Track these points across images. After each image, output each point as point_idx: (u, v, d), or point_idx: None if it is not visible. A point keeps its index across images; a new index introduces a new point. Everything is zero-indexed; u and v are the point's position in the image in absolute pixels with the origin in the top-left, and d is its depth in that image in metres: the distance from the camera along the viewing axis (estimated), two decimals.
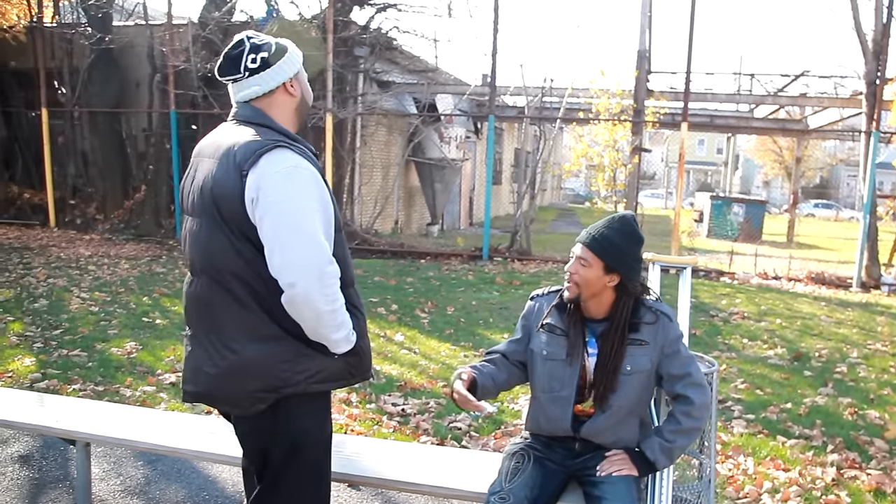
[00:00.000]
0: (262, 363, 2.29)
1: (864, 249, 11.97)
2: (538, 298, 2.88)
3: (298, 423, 2.38)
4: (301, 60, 2.45)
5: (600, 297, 2.68)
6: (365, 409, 5.29)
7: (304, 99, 2.47)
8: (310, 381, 2.33)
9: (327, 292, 2.22)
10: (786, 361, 7.00)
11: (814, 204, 46.06)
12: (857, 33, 12.22)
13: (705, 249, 18.05)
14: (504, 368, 2.84)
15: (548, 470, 2.73)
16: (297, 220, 2.20)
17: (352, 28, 14.61)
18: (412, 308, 8.79)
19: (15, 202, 16.18)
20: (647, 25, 14.45)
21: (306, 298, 2.20)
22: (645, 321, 2.69)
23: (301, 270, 2.18)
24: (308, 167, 2.27)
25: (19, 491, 3.93)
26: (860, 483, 4.28)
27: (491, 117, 13.54)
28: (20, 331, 7.10)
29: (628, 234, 2.67)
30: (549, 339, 2.76)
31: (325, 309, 2.23)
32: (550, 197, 41.37)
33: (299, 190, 2.23)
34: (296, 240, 2.19)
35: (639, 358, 2.66)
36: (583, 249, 2.66)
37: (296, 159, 2.26)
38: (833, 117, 21.17)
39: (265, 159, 2.22)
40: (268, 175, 2.20)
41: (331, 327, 2.27)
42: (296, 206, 2.21)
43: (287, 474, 2.42)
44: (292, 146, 2.29)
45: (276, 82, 2.38)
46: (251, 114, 2.38)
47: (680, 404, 2.66)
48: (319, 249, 2.22)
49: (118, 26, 15.95)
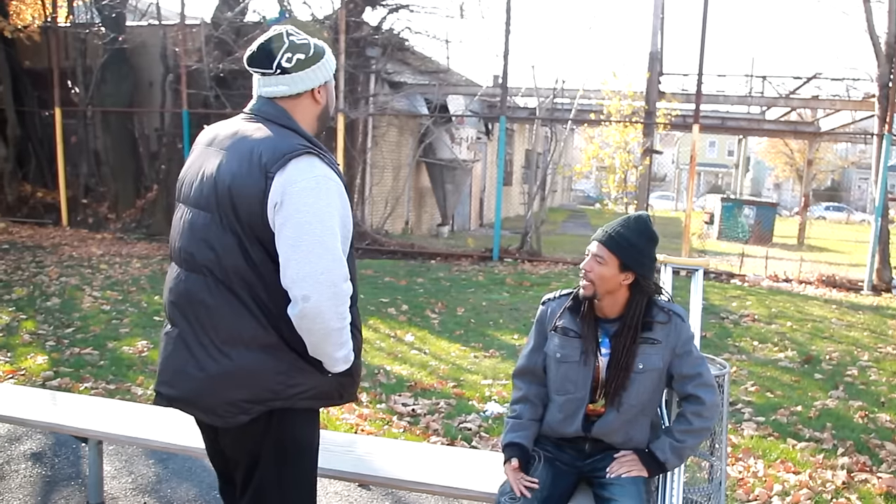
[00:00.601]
0: (255, 373, 2.20)
1: (875, 252, 11.92)
2: (550, 302, 2.88)
3: (289, 433, 2.32)
4: (334, 68, 2.38)
5: (615, 295, 2.70)
6: (375, 409, 5.30)
7: (327, 108, 2.40)
8: (300, 396, 2.25)
9: (340, 310, 2.17)
10: (796, 364, 6.98)
11: (825, 206, 45.84)
12: (871, 36, 12.17)
13: (716, 251, 17.99)
14: (537, 399, 2.85)
15: (558, 471, 2.73)
16: (320, 234, 2.12)
17: (364, 29, 14.64)
18: (422, 308, 8.80)
19: (28, 201, 16.28)
20: (659, 27, 14.43)
21: (318, 313, 2.12)
22: (657, 320, 2.70)
23: (318, 285, 2.11)
24: (336, 179, 2.21)
25: (32, 488, 3.96)
26: (871, 486, 4.27)
27: (502, 118, 13.54)
28: (33, 329, 7.15)
29: (644, 233, 2.69)
30: (562, 341, 2.77)
31: (335, 326, 2.17)
32: (561, 198, 41.31)
33: (326, 202, 2.16)
34: (316, 253, 2.11)
35: (651, 357, 2.67)
36: (599, 247, 2.68)
37: (325, 170, 2.19)
38: (845, 120, 21.09)
39: (294, 165, 2.14)
40: (295, 182, 2.12)
41: (336, 345, 2.21)
42: (320, 219, 2.13)
43: (273, 485, 2.34)
44: (322, 155, 2.21)
45: (306, 87, 2.31)
46: (276, 113, 2.29)
47: (690, 404, 2.66)
48: (338, 265, 2.16)
49: (131, 26, 16.05)
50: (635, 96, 14.57)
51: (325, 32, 13.70)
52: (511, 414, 2.85)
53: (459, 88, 18.54)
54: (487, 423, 5.09)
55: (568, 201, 45.52)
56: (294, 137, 2.22)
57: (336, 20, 13.61)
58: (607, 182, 15.73)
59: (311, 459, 2.42)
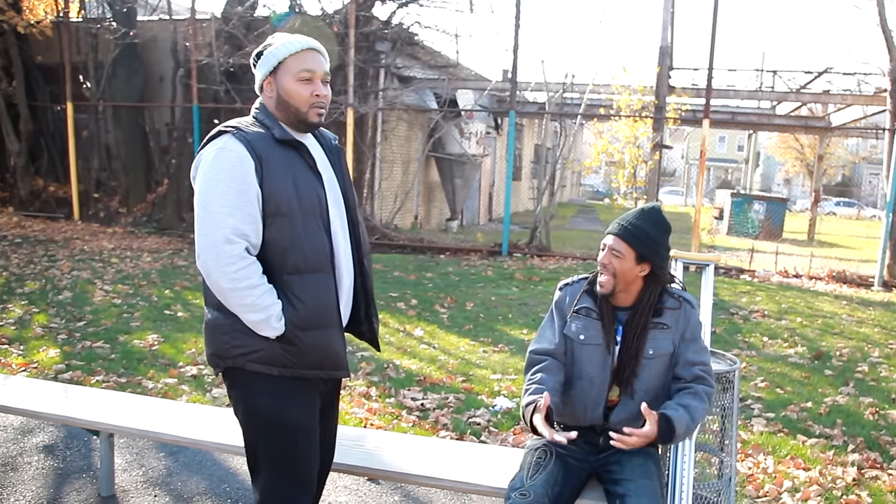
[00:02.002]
0: (212, 330, 2.45)
1: (886, 248, 11.86)
2: (567, 287, 2.88)
3: (248, 399, 2.45)
4: (279, 58, 2.46)
5: (630, 286, 2.71)
6: (384, 403, 5.31)
7: (282, 98, 2.47)
8: (246, 357, 2.39)
9: (226, 270, 2.28)
10: (806, 360, 6.96)
11: (835, 202, 45.60)
12: (883, 29, 12.10)
13: (725, 247, 17.94)
14: (559, 371, 2.79)
15: (570, 466, 2.73)
16: (205, 199, 2.33)
17: (373, 23, 14.63)
18: (431, 303, 8.81)
19: (40, 195, 16.36)
20: (669, 21, 14.37)
21: (206, 273, 2.32)
22: (668, 306, 2.72)
23: (202, 245, 2.31)
24: (235, 149, 2.35)
25: (44, 480, 3.99)
26: (881, 483, 4.26)
27: (511, 113, 13.51)
28: (45, 322, 7.19)
29: (659, 224, 2.71)
30: (584, 323, 2.77)
31: (225, 287, 2.30)
32: (570, 193, 41.28)
33: (216, 171, 2.33)
34: (201, 217, 2.33)
35: (661, 341, 2.69)
36: (615, 240, 2.68)
37: (229, 143, 2.36)
38: (856, 115, 20.96)
39: (211, 143, 2.40)
40: (202, 156, 2.40)
41: (237, 307, 2.33)
42: (206, 185, 2.34)
43: (249, 446, 2.50)
44: (237, 132, 2.38)
45: (258, 82, 2.52)
46: (259, 106, 2.54)
47: (690, 383, 2.69)
48: (216, 227, 2.29)
49: (142, 21, 16.07)
50: (645, 91, 14.53)
51: (335, 27, 13.71)
52: (530, 381, 2.75)
53: (469, 83, 18.52)
54: (496, 417, 5.10)
55: (577, 196, 45.48)
56: (233, 122, 2.46)
57: (346, 15, 13.60)
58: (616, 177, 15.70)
59: (281, 435, 2.45)
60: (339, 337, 2.50)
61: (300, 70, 2.45)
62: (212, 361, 2.47)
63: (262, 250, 2.38)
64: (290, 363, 2.40)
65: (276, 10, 14.87)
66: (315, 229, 2.42)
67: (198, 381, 5.66)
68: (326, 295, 2.45)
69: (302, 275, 2.40)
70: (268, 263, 2.37)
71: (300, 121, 2.48)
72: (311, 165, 2.47)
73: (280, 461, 2.46)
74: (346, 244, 2.56)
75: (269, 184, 2.35)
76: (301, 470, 2.49)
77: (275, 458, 2.46)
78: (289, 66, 2.45)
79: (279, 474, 2.47)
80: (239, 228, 2.30)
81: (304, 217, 2.40)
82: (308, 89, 2.46)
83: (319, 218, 2.44)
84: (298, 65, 2.46)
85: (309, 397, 2.50)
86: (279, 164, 2.38)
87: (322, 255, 2.44)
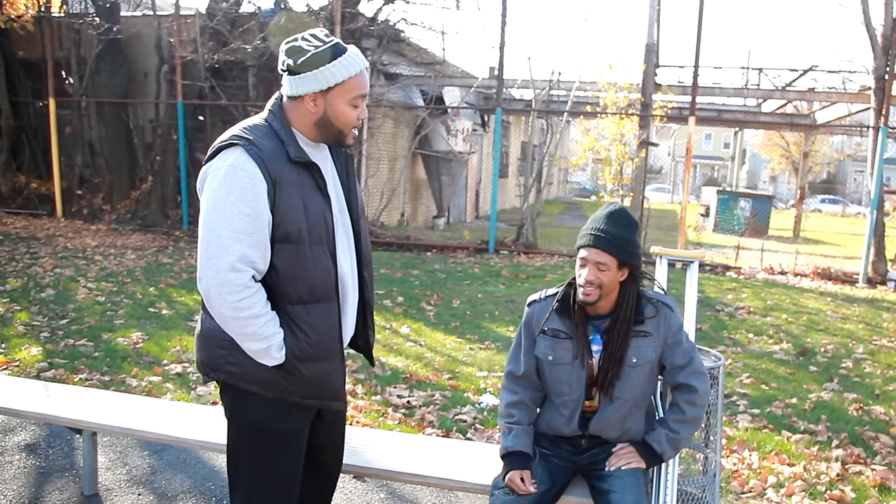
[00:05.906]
0: (207, 340, 2.33)
1: (870, 245, 11.95)
2: (535, 304, 2.83)
3: (240, 410, 2.36)
4: (334, 81, 2.26)
5: (611, 294, 2.67)
6: (370, 400, 5.30)
7: (328, 118, 2.31)
8: (240, 377, 2.28)
9: (229, 299, 2.16)
10: (791, 356, 6.99)
11: (821, 199, 45.88)
12: (867, 28, 12.17)
13: (711, 244, 18.00)
14: (532, 400, 2.83)
15: (555, 466, 2.72)
16: (212, 220, 2.18)
17: (359, 20, 14.58)
18: (418, 300, 8.79)
19: (22, 192, 16.24)
20: (655, 19, 14.38)
21: (207, 298, 2.20)
22: (647, 315, 2.69)
23: (205, 270, 2.18)
24: (248, 169, 2.18)
25: (26, 479, 3.95)
26: (865, 478, 4.28)
27: (498, 110, 13.52)
28: (27, 320, 7.13)
29: (630, 225, 2.66)
30: (553, 343, 2.73)
31: (227, 315, 2.18)
32: (557, 190, 41.33)
33: (227, 191, 2.17)
34: (206, 238, 2.19)
35: (643, 349, 2.66)
36: (598, 253, 2.60)
37: (241, 160, 2.18)
38: (841, 112, 21.03)
39: (219, 156, 2.23)
40: (209, 170, 2.23)
41: (238, 335, 2.22)
42: (215, 206, 2.18)
43: (231, 452, 2.42)
44: (249, 148, 2.20)
45: (298, 91, 2.28)
46: (274, 109, 2.34)
47: (682, 393, 2.66)
48: (222, 252, 2.16)
49: (126, 16, 15.96)
50: (631, 88, 14.53)
51: (320, 23, 13.65)
52: (508, 419, 2.78)
53: (455, 80, 18.49)
54: (482, 414, 5.09)
55: (564, 194, 45.54)
56: (243, 132, 2.26)
57: (331, 11, 13.55)
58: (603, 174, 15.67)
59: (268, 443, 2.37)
60: (339, 368, 2.43)
61: (357, 95, 2.30)
62: (202, 369, 2.36)
63: (266, 276, 2.26)
64: (285, 390, 2.31)
65: (261, 6, 14.82)
66: (322, 257, 2.31)
67: (182, 379, 5.62)
68: (329, 325, 2.35)
69: (306, 305, 2.30)
70: (272, 291, 2.27)
71: (338, 141, 2.37)
72: (320, 187, 2.32)
73: (263, 471, 2.37)
74: (351, 264, 2.46)
75: (281, 209, 2.22)
76: (283, 482, 2.40)
77: (258, 467, 2.37)
78: (347, 87, 2.27)
79: (260, 486, 2.37)
80: (246, 255, 2.17)
81: (312, 245, 2.29)
82: (356, 113, 2.33)
83: (326, 245, 2.32)
84: (357, 88, 2.29)
85: (304, 411, 2.41)
86: (291, 187, 2.24)
87: (328, 284, 2.33)
